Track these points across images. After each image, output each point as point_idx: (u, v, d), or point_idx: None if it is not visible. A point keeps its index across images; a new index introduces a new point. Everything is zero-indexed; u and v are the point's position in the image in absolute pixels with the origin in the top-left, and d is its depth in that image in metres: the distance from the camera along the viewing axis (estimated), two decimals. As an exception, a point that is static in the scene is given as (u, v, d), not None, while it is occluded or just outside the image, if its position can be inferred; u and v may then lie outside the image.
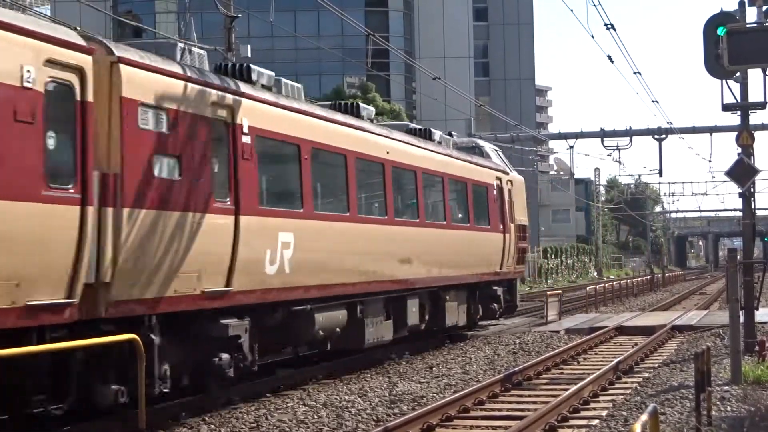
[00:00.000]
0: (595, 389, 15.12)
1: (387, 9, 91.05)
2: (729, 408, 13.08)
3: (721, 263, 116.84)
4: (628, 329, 26.36)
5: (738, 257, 16.60)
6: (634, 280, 59.77)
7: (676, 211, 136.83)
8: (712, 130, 52.48)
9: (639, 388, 15.58)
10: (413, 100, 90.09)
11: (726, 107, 19.59)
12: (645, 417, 7.30)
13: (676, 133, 52.15)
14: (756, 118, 41.50)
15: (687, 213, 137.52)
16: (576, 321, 29.52)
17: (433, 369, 18.47)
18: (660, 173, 53.60)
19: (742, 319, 17.24)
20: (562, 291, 37.77)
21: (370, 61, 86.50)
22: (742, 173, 18.40)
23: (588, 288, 41.98)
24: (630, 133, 52.09)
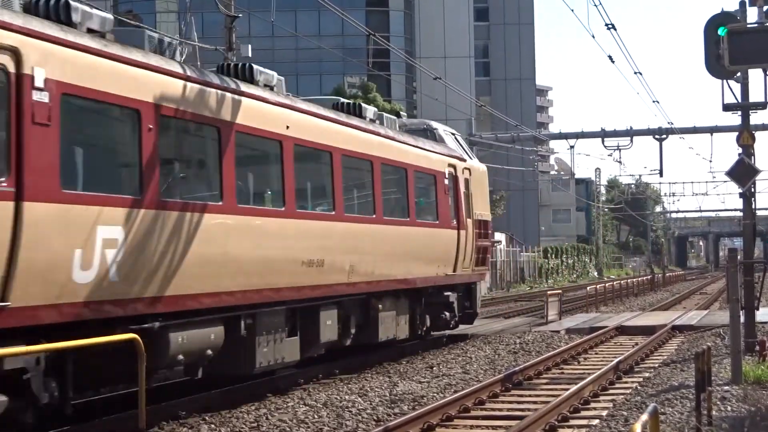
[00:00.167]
0: (596, 389, 15.12)
1: (388, 9, 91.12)
2: (729, 408, 13.08)
3: (722, 263, 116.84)
4: (628, 329, 26.35)
5: (738, 257, 16.59)
6: (634, 280, 59.78)
7: (676, 211, 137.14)
8: (712, 130, 52.53)
9: (639, 387, 15.57)
10: (414, 100, 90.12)
11: (726, 107, 19.59)
12: (645, 417, 7.30)
13: (676, 133, 52.18)
14: (756, 118, 41.53)
15: (687, 213, 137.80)
16: (576, 321, 29.52)
17: (434, 369, 18.46)
18: (660, 173, 53.71)
19: (742, 319, 17.25)
20: (562, 291, 37.76)
21: (370, 61, 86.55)
22: (742, 173, 18.39)
23: (588, 288, 41.97)
24: (631, 133, 52.13)
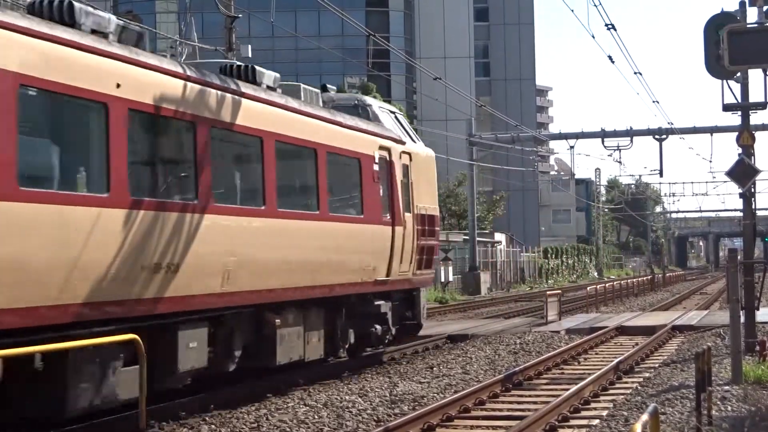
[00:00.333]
0: (596, 389, 15.12)
1: (387, 9, 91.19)
2: (729, 408, 13.07)
3: (722, 263, 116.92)
4: (628, 329, 26.35)
5: (738, 257, 16.60)
6: (634, 280, 59.80)
7: (676, 212, 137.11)
8: (712, 130, 52.43)
9: (639, 387, 15.57)
10: (414, 100, 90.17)
11: (726, 107, 19.58)
12: (645, 417, 7.30)
13: (676, 134, 52.12)
14: (756, 118, 41.40)
15: (687, 213, 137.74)
16: (576, 321, 29.51)
17: (434, 369, 18.46)
18: (660, 173, 53.62)
19: (742, 319, 17.26)
20: (562, 291, 37.75)
21: (370, 61, 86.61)
22: (742, 173, 18.39)
23: (588, 288, 41.96)
24: (630, 134, 52.02)
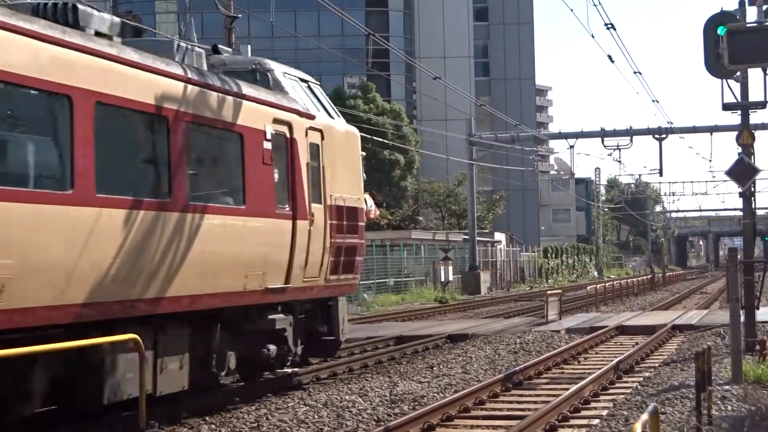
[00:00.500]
0: (596, 389, 15.12)
1: (387, 9, 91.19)
2: (730, 407, 13.08)
3: (722, 263, 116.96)
4: (628, 329, 26.35)
5: (738, 257, 16.60)
6: (634, 279, 59.80)
7: (676, 211, 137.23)
8: (712, 129, 52.46)
9: (639, 387, 15.57)
10: (413, 99, 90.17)
11: (726, 107, 19.58)
12: (645, 416, 7.29)
13: (676, 133, 52.15)
14: (756, 117, 41.45)
15: (687, 212, 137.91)
16: (576, 320, 29.51)
17: (434, 369, 18.45)
18: (660, 173, 53.69)
19: (742, 319, 17.25)
20: (562, 290, 37.75)
21: (370, 61, 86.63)
22: (742, 173, 18.39)
23: (588, 287, 41.97)
24: (630, 133, 52.04)
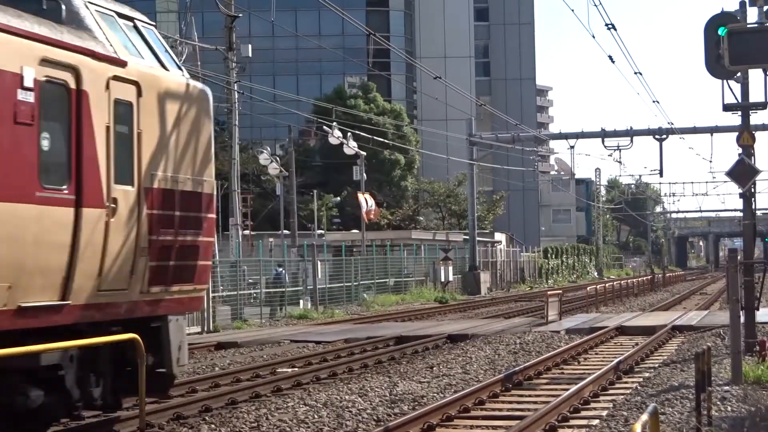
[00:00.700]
0: (596, 389, 15.11)
1: (388, 9, 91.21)
2: (729, 408, 13.08)
3: (722, 263, 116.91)
4: (628, 329, 26.33)
5: (738, 257, 16.59)
6: (634, 280, 59.80)
7: (676, 212, 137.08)
8: (712, 130, 52.48)
9: (639, 388, 15.56)
10: (414, 99, 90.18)
11: (727, 107, 19.56)
12: (645, 417, 7.30)
13: (676, 134, 52.16)
14: (757, 118, 41.36)
15: (688, 213, 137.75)
16: (576, 321, 29.49)
17: (434, 369, 18.45)
18: (661, 173, 53.71)
19: (742, 319, 17.25)
20: (562, 291, 37.74)
21: (371, 61, 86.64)
22: (742, 173, 18.38)
23: (588, 288, 41.97)
24: (631, 134, 52.07)
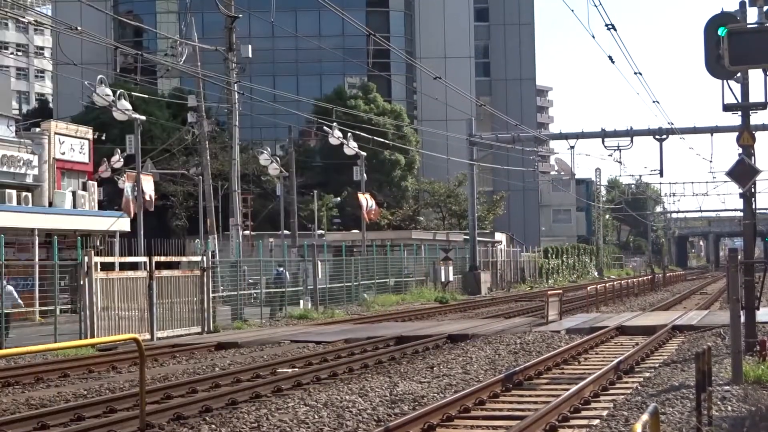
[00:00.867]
0: (596, 389, 15.11)
1: (388, 9, 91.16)
2: (730, 408, 13.08)
3: (722, 263, 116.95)
4: (628, 329, 26.32)
5: (739, 257, 16.59)
6: (634, 279, 59.79)
7: (677, 211, 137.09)
8: (712, 130, 52.49)
9: (640, 387, 15.56)
10: (414, 100, 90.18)
11: (727, 107, 19.55)
12: (646, 417, 7.30)
13: (677, 134, 52.17)
14: (757, 118, 41.43)
15: (688, 213, 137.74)
16: (577, 321, 29.48)
17: (434, 369, 18.45)
18: (661, 173, 53.70)
19: (743, 319, 17.25)
20: (562, 291, 37.74)
21: (371, 61, 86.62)
22: (742, 173, 18.37)
23: (589, 288, 41.96)
24: (631, 134, 52.08)
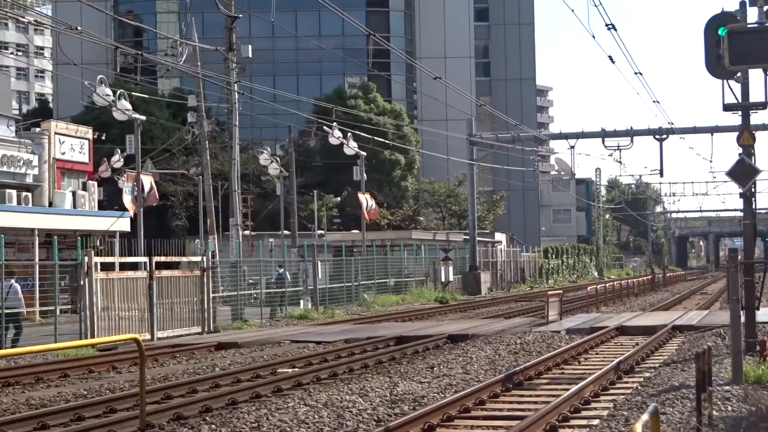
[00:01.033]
0: (596, 389, 15.11)
1: (388, 9, 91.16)
2: (730, 408, 13.08)
3: (722, 263, 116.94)
4: (629, 329, 26.32)
5: (739, 257, 16.59)
6: (634, 280, 59.78)
7: (677, 211, 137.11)
8: (713, 130, 52.49)
9: (640, 387, 15.56)
10: (414, 100, 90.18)
11: (727, 107, 19.55)
12: (646, 417, 7.30)
13: (677, 133, 52.17)
14: (757, 118, 41.46)
15: (688, 213, 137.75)
16: (577, 321, 29.48)
17: (434, 369, 18.45)
18: (661, 173, 53.74)
19: (743, 319, 17.25)
20: (562, 291, 37.74)
21: (370, 61, 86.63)
22: (742, 173, 18.37)
23: (589, 288, 41.96)
24: (631, 134, 52.08)
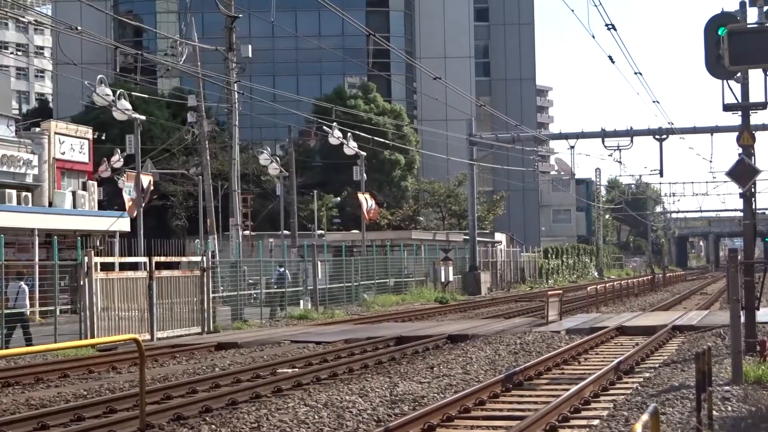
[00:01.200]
0: (596, 389, 15.11)
1: (388, 9, 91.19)
2: (730, 408, 13.08)
3: (722, 263, 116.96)
4: (628, 329, 26.32)
5: (739, 257, 16.59)
6: (634, 280, 59.79)
7: (677, 212, 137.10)
8: (712, 130, 52.49)
9: (640, 388, 15.56)
10: (414, 100, 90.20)
11: (727, 107, 19.55)
12: (646, 417, 7.30)
13: (677, 134, 52.18)
14: (757, 118, 41.45)
15: (688, 213, 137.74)
16: (577, 321, 29.47)
17: (434, 369, 18.45)
18: (661, 173, 53.71)
19: (743, 319, 17.25)
20: (562, 291, 37.74)
21: (370, 61, 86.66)
22: (742, 173, 18.38)
23: (589, 288, 41.95)
24: (631, 134, 52.08)
